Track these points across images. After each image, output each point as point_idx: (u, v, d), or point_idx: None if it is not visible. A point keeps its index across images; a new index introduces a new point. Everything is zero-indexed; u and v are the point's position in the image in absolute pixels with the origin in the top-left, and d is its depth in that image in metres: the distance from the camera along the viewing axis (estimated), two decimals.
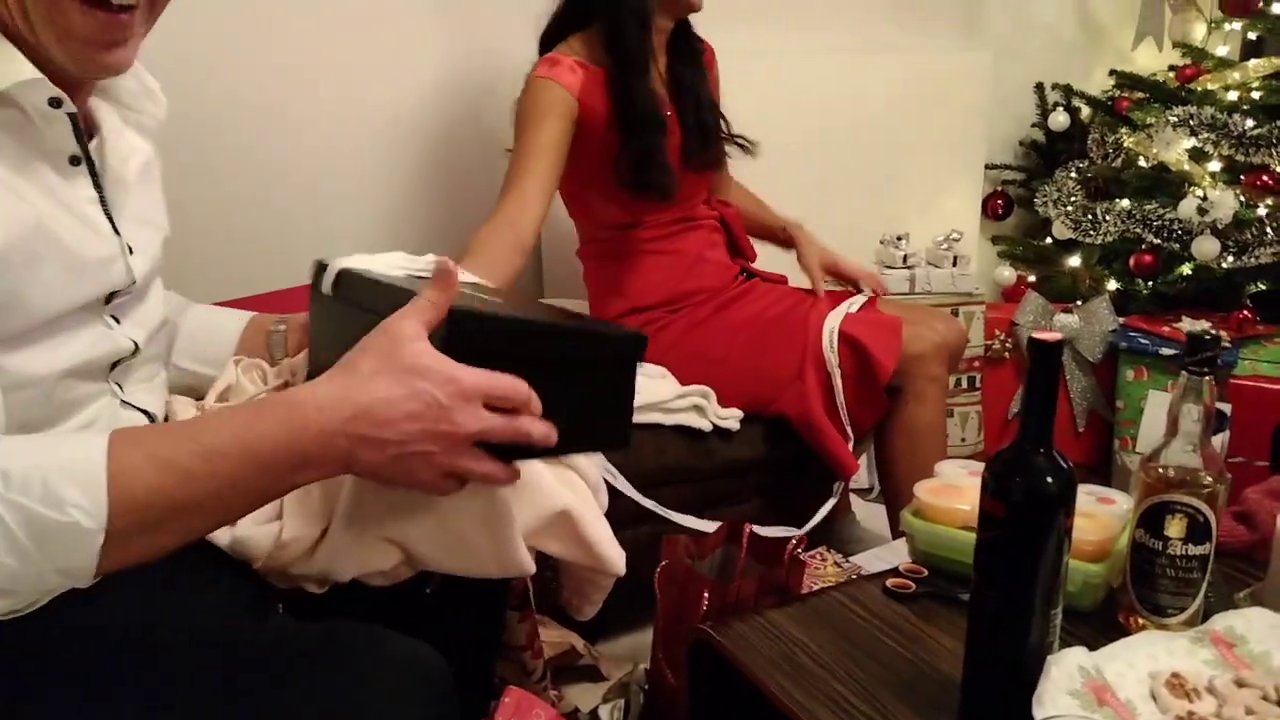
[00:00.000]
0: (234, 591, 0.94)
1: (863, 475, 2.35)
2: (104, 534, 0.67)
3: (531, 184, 1.67)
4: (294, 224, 2.10)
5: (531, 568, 1.01)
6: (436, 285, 0.79)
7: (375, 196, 2.19)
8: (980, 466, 1.24)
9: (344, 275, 0.99)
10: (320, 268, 1.02)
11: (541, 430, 0.81)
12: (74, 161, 0.85)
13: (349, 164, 2.14)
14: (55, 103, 0.81)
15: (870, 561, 1.54)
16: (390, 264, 1.02)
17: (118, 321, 0.91)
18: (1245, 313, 2.34)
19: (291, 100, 2.05)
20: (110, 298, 0.89)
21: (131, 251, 0.91)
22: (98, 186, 0.89)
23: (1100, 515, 1.12)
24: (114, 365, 0.90)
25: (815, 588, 1.39)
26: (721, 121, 1.97)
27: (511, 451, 0.82)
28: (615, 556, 1.09)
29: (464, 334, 0.79)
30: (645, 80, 1.78)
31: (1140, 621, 1.02)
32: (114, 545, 0.67)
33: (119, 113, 0.95)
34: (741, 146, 2.00)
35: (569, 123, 1.74)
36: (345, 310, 0.97)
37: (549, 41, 1.85)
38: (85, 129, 0.89)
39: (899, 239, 2.49)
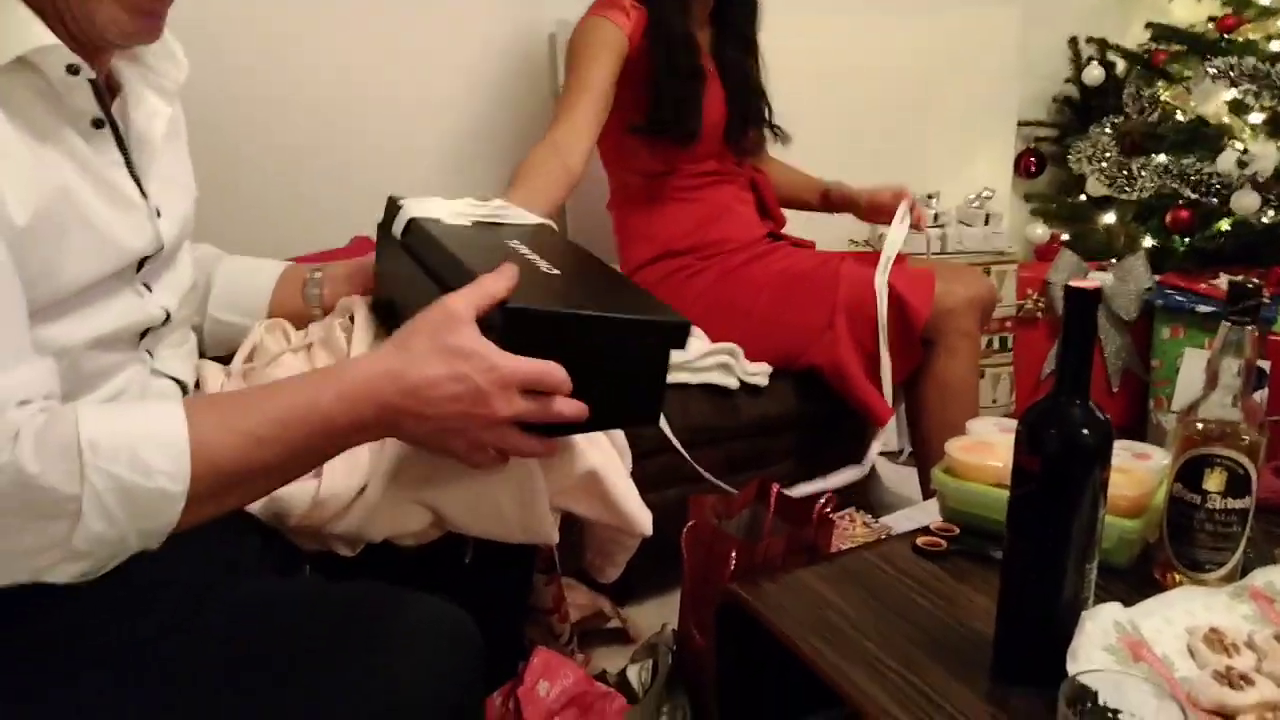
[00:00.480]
0: (262, 553, 0.94)
1: (892, 438, 2.33)
2: (185, 498, 0.71)
3: (581, 115, 1.69)
4: (325, 195, 2.10)
5: (555, 538, 1.02)
6: (497, 277, 0.83)
7: (411, 171, 2.19)
8: (1012, 424, 1.22)
9: (413, 225, 1.03)
10: (393, 207, 1.07)
11: (573, 411, 0.85)
12: (97, 124, 0.84)
13: (383, 138, 2.14)
14: (73, 69, 0.80)
15: (900, 522, 1.52)
16: (457, 211, 1.07)
17: (149, 289, 0.90)
18: None
19: (328, 76, 2.05)
20: (141, 265, 0.89)
21: (160, 215, 0.90)
22: (122, 149, 0.88)
23: (1136, 470, 1.10)
24: (144, 333, 0.90)
25: (844, 548, 1.38)
26: (765, 107, 1.99)
27: (544, 427, 0.86)
28: (642, 516, 1.09)
29: (515, 329, 0.83)
30: (681, 23, 1.80)
31: (1177, 577, 1.00)
32: (191, 507, 0.72)
33: (140, 74, 0.94)
34: (775, 134, 2.02)
35: (620, 60, 1.76)
36: (409, 262, 1.02)
37: None
38: (108, 91, 0.88)
39: (930, 198, 2.45)
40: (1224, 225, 2.38)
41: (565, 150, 1.64)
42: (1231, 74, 2.32)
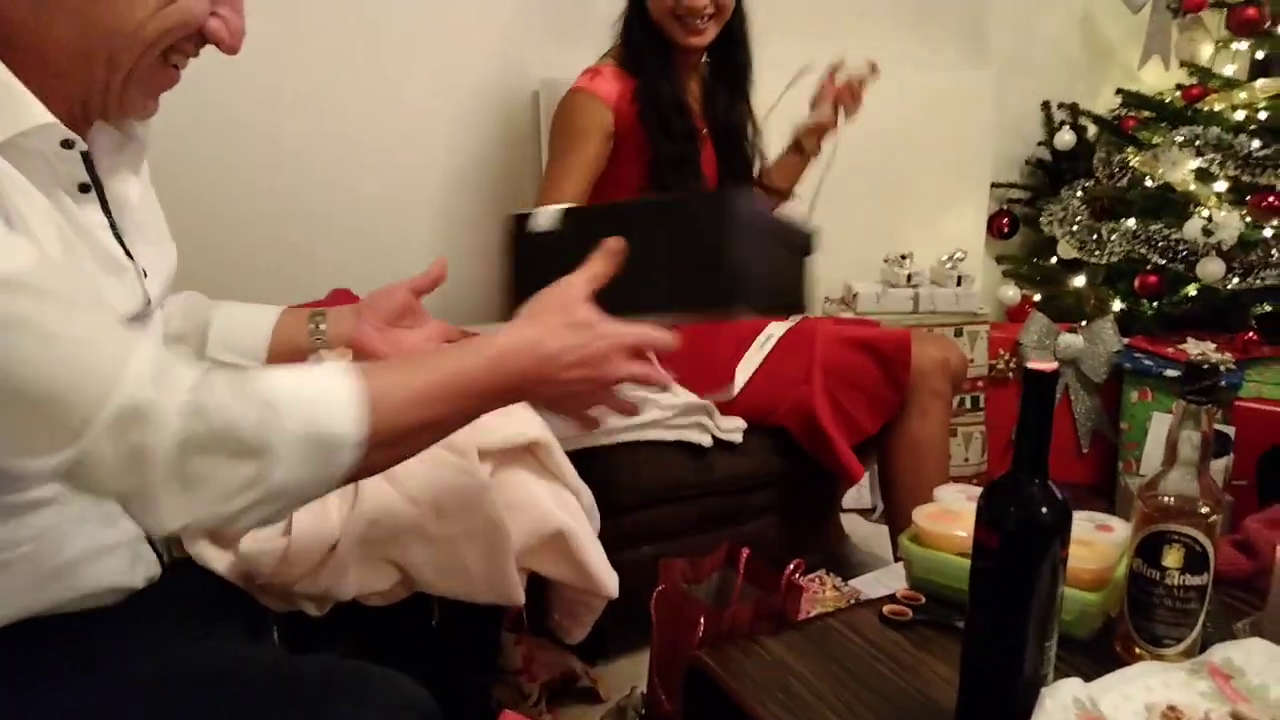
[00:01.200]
0: (229, 618, 0.94)
1: (865, 496, 2.35)
2: (364, 446, 0.76)
3: (571, 199, 1.75)
4: (304, 247, 2.11)
5: (520, 598, 1.02)
6: (604, 258, 0.93)
7: (391, 225, 2.21)
8: (978, 491, 1.24)
9: (572, 212, 1.13)
10: (520, 218, 1.16)
11: (661, 376, 0.95)
12: (84, 189, 0.86)
13: (365, 191, 2.17)
14: (67, 144, 0.82)
15: (870, 585, 1.53)
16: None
17: None
18: (1251, 334, 2.33)
19: (312, 128, 2.07)
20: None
21: (146, 275, 0.92)
22: (107, 213, 0.89)
23: (1098, 543, 1.11)
24: None
25: (814, 612, 1.38)
26: (757, 157, 2.01)
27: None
28: (607, 578, 1.10)
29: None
30: (670, 89, 1.83)
31: (1137, 651, 1.01)
32: (368, 455, 0.77)
33: (109, 133, 0.95)
34: (763, 188, 2.03)
35: (606, 139, 1.81)
36: (593, 240, 1.09)
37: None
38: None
39: (903, 258, 2.49)
40: (1191, 291, 2.42)
41: None
42: (1197, 143, 2.38)
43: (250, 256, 2.05)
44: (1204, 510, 0.98)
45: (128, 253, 0.90)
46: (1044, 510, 0.84)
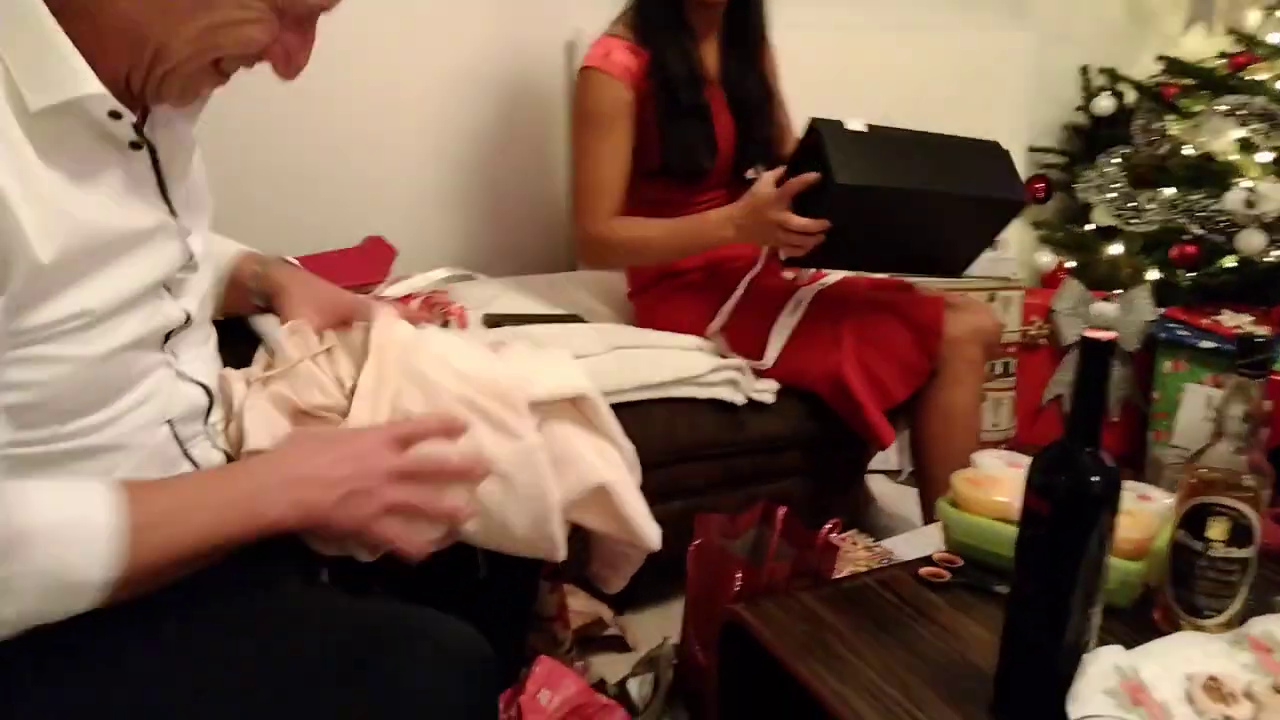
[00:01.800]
0: (281, 558, 0.95)
1: (891, 457, 2.35)
2: (104, 590, 0.75)
3: (612, 192, 1.81)
4: (337, 194, 2.11)
5: (563, 555, 1.03)
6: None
7: (423, 171, 2.21)
8: (1018, 458, 1.24)
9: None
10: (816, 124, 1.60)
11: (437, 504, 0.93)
12: (134, 146, 0.86)
13: (395, 138, 2.16)
14: (115, 115, 0.82)
15: (901, 547, 1.54)
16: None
17: (171, 294, 0.92)
18: None
19: (340, 77, 2.05)
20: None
21: (190, 232, 0.93)
22: (157, 171, 0.89)
23: (1140, 513, 1.12)
24: (168, 337, 0.91)
25: (846, 572, 1.39)
26: (775, 123, 1.98)
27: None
28: (651, 531, 1.11)
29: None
30: (683, 67, 1.80)
31: (1178, 622, 1.02)
32: (108, 596, 0.76)
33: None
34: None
35: (631, 119, 1.80)
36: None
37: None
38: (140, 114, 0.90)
39: None
40: (1229, 262, 2.40)
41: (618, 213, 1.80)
42: (1241, 113, 2.34)
43: (283, 205, 2.06)
44: (1250, 484, 0.98)
45: (172, 211, 0.91)
46: (1095, 479, 0.85)
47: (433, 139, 2.21)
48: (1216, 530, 0.99)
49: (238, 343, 1.12)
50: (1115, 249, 2.66)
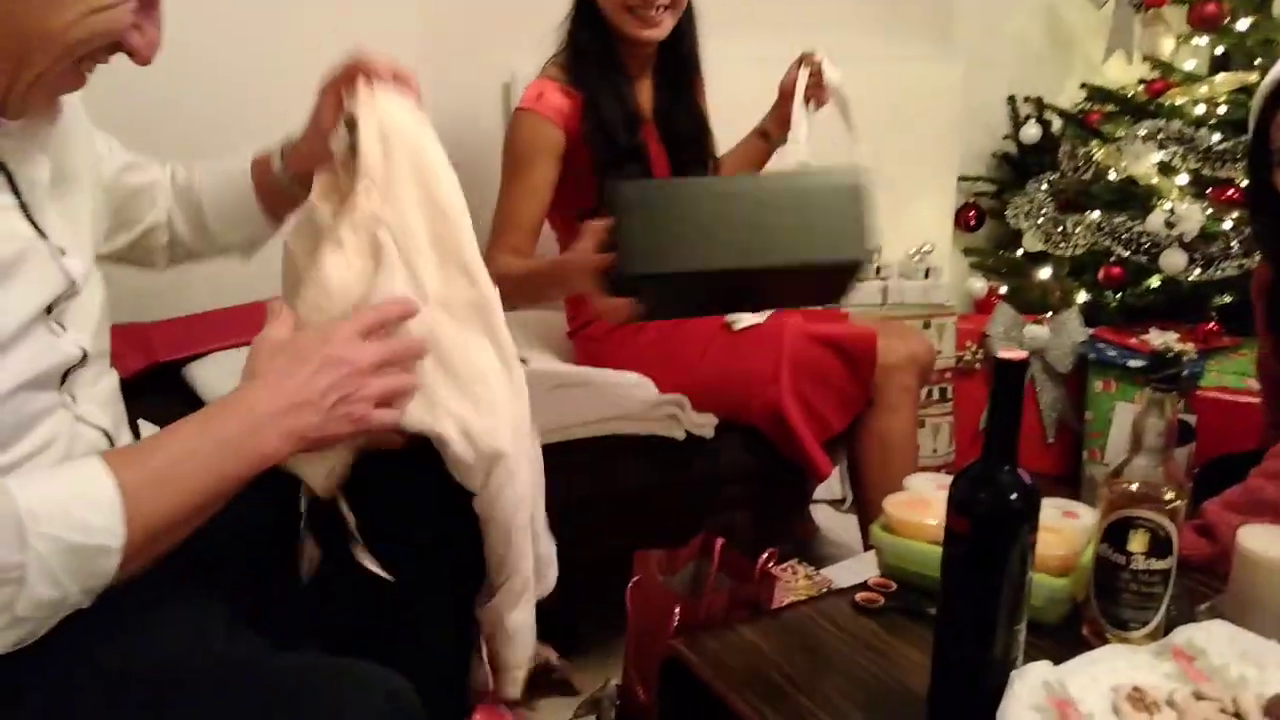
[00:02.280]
0: (206, 615, 0.93)
1: (835, 486, 2.37)
2: (123, 551, 0.74)
3: (529, 219, 1.78)
4: None
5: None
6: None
7: None
8: (948, 480, 1.25)
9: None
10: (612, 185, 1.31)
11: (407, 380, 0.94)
12: None
13: None
14: None
15: (841, 574, 1.55)
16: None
17: (63, 328, 0.89)
18: (1212, 325, 2.37)
19: (276, 119, 2.05)
20: (52, 305, 0.87)
21: (64, 253, 0.89)
22: (16, 192, 0.86)
23: (1065, 529, 1.13)
24: (65, 376, 0.89)
25: (787, 601, 1.40)
26: (709, 157, 1.99)
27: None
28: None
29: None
30: (617, 107, 1.81)
31: (1104, 635, 1.03)
32: (128, 559, 0.75)
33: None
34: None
35: (558, 160, 1.79)
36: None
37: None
38: None
39: (872, 251, 2.50)
40: (1154, 282, 2.46)
41: (525, 254, 1.76)
42: (1160, 136, 2.42)
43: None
44: (1168, 496, 1.00)
45: (42, 234, 0.87)
46: (1014, 497, 0.86)
47: None
48: (1137, 543, 1.00)
49: (171, 392, 1.11)
50: (1045, 273, 2.72)
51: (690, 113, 1.95)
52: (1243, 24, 2.47)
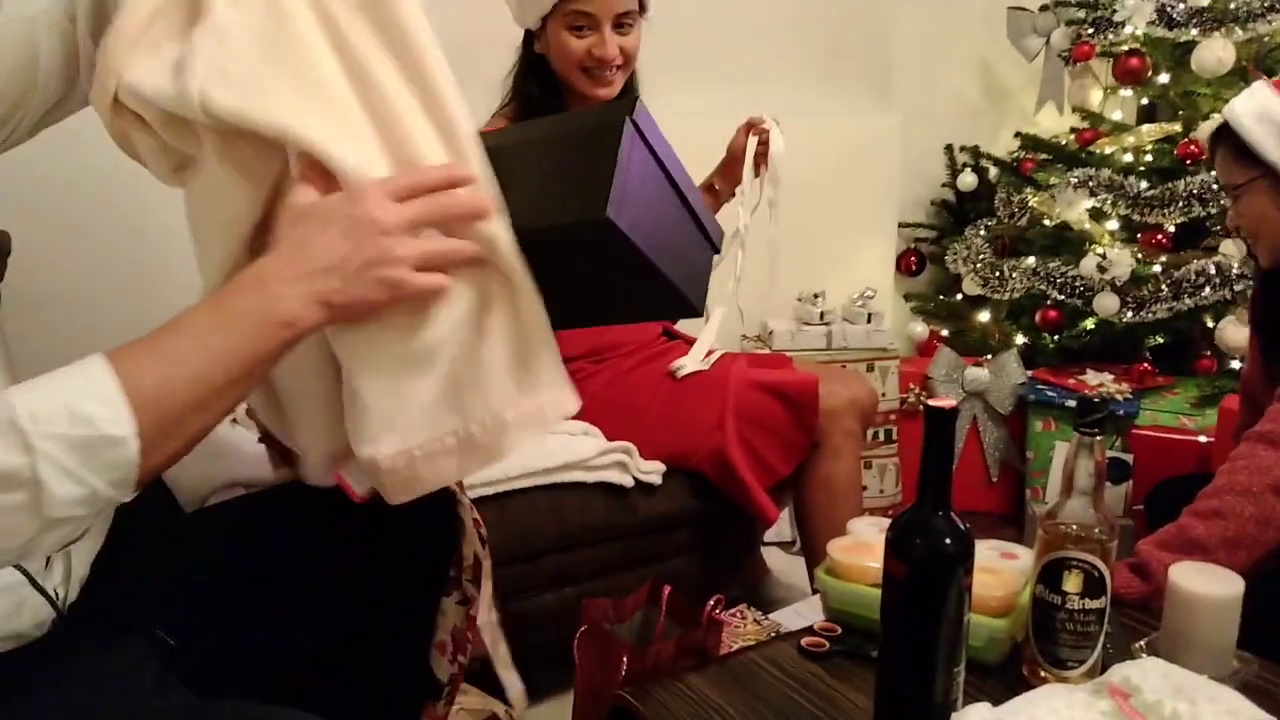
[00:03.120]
0: (136, 668, 0.92)
1: (785, 529, 2.38)
2: (136, 438, 0.72)
3: None
4: None
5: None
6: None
7: None
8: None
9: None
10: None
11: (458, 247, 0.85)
12: None
13: None
14: None
15: (789, 618, 1.56)
16: None
17: None
18: (1146, 365, 2.44)
19: None
20: None
21: None
22: None
23: (1004, 570, 1.16)
24: None
25: (735, 646, 1.40)
26: None
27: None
28: None
29: None
30: None
31: (1043, 674, 1.06)
32: (148, 447, 0.73)
33: None
34: None
35: None
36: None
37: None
38: None
39: (815, 296, 2.55)
40: (1089, 324, 2.53)
41: None
42: (1090, 184, 2.50)
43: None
44: (1100, 536, 1.03)
45: None
46: (948, 541, 0.88)
47: None
48: (1072, 583, 1.03)
49: None
50: (984, 316, 2.79)
51: None
52: (1164, 77, 2.57)
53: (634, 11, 1.79)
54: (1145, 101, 2.76)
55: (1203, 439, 2.20)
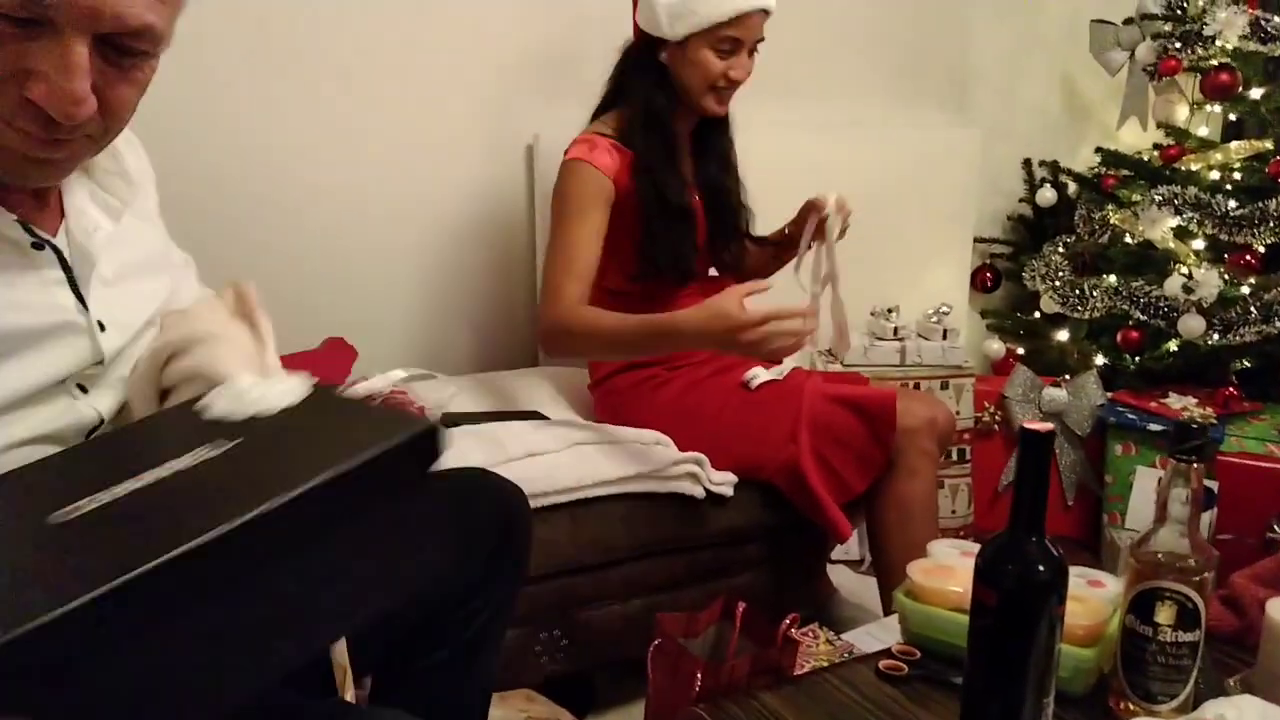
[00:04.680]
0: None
1: (854, 547, 2.36)
2: None
3: (588, 270, 1.78)
4: (297, 296, 2.13)
5: None
6: None
7: (386, 273, 2.24)
8: (973, 547, 1.26)
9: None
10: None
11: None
12: (36, 247, 0.86)
13: (355, 240, 2.19)
14: None
15: (862, 639, 1.53)
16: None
17: (84, 391, 0.90)
18: (1231, 390, 2.37)
19: (323, 158, 2.10)
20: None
21: (103, 328, 0.91)
22: (66, 267, 0.89)
23: (1091, 599, 1.13)
24: (88, 435, 0.90)
25: (808, 667, 1.39)
26: (745, 220, 2.03)
27: None
28: None
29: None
30: (671, 169, 1.86)
31: (1131, 708, 1.03)
32: None
33: (88, 189, 0.95)
34: (756, 242, 2.06)
35: (609, 208, 1.82)
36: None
37: (597, 116, 1.93)
38: (59, 206, 0.90)
39: (890, 311, 2.52)
40: (1172, 346, 2.47)
41: (585, 301, 1.77)
42: (1175, 202, 2.43)
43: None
44: (1195, 566, 1.00)
45: (85, 306, 0.89)
46: (1041, 569, 0.86)
47: (395, 241, 2.24)
48: (1164, 615, 1.00)
49: None
50: (1063, 335, 2.73)
51: (732, 183, 1.99)
52: (1255, 92, 2.50)
53: (762, 38, 1.85)
54: (1233, 117, 2.69)
55: None
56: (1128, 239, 2.56)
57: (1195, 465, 1.00)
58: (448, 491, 1.06)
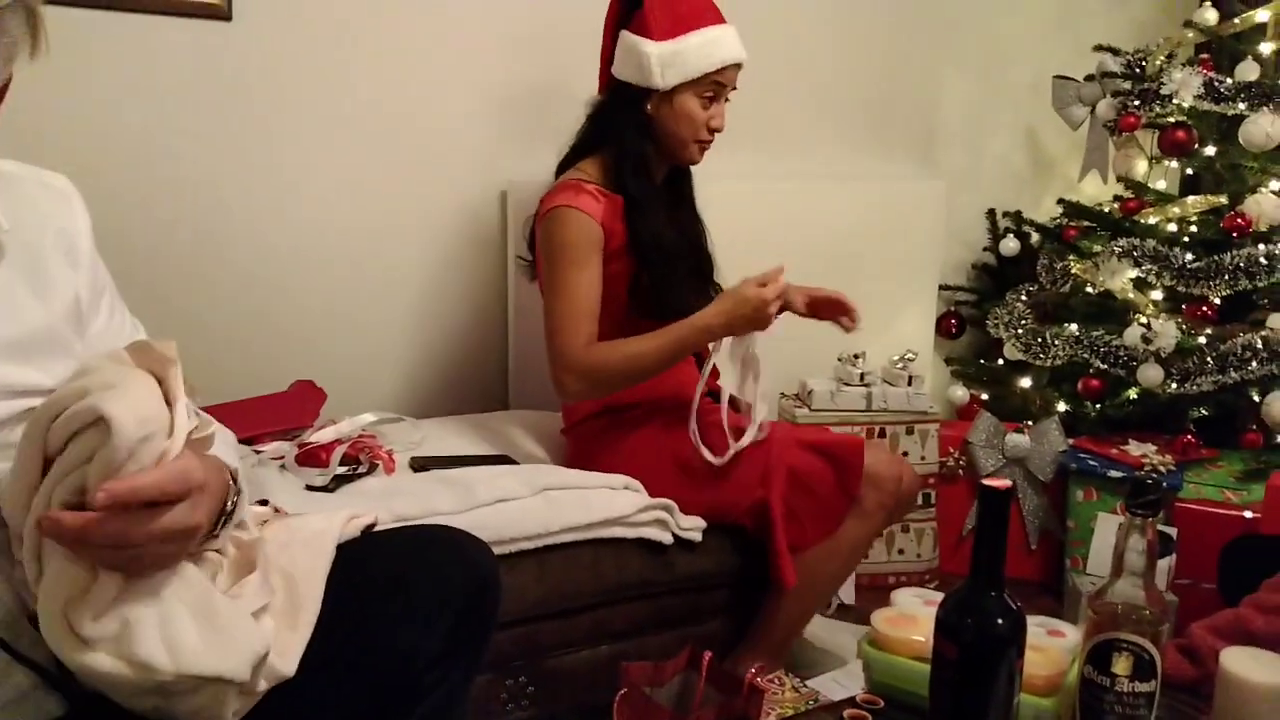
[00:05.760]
0: None
1: None
2: None
3: (591, 321, 1.82)
4: (264, 339, 2.13)
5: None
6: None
7: (355, 320, 2.24)
8: (936, 596, 1.27)
9: None
10: None
11: None
12: None
13: (325, 283, 2.19)
14: None
15: (828, 686, 1.55)
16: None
17: None
18: (1189, 437, 2.41)
19: (272, 223, 2.10)
20: None
21: None
22: None
23: (1050, 649, 1.15)
24: None
25: (773, 715, 1.40)
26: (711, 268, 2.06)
27: None
28: None
29: None
30: (660, 210, 1.90)
31: None
32: None
33: None
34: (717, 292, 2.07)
35: (601, 254, 1.85)
36: None
37: (567, 164, 1.96)
38: None
39: (856, 357, 2.55)
40: (1131, 394, 2.51)
41: (593, 348, 1.80)
42: (1135, 254, 2.49)
43: (216, 350, 2.06)
44: (1151, 618, 1.02)
45: None
46: (1000, 622, 0.88)
47: (371, 285, 2.24)
48: (1121, 666, 1.02)
49: None
50: (1025, 382, 2.77)
51: (701, 228, 2.05)
52: (1210, 150, 2.58)
53: (735, 88, 1.93)
54: (1190, 172, 2.76)
55: (1248, 514, 2.18)
56: (1089, 289, 2.62)
57: (1150, 519, 1.02)
58: (413, 556, 1.04)
